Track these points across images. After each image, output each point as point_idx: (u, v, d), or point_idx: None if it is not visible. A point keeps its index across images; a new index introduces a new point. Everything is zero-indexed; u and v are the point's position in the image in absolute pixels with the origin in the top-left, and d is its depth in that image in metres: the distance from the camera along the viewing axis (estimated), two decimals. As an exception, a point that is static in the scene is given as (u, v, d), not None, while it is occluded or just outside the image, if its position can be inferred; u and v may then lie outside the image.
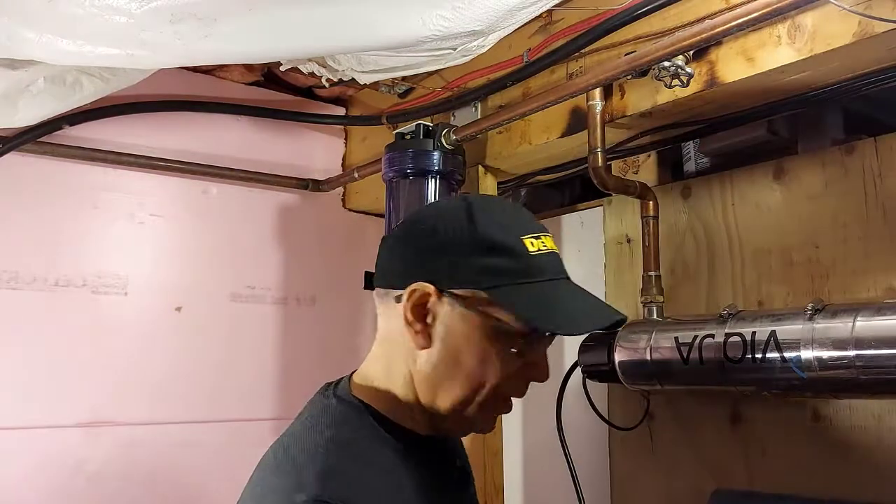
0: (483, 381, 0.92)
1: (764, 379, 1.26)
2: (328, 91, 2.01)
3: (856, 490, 1.32)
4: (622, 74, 1.27)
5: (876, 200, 1.33)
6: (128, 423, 1.74)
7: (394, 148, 1.53)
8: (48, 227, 1.71)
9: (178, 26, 1.14)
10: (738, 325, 1.30)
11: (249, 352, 1.95)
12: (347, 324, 1.61)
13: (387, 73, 1.64)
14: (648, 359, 1.42)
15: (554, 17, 1.47)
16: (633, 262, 1.71)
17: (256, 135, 2.01)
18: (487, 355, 0.92)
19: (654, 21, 1.29)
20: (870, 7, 1.02)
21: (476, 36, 1.39)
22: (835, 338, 1.16)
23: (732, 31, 1.11)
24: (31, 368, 1.65)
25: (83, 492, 1.67)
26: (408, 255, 0.96)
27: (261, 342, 1.97)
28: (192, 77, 1.89)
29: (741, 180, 1.54)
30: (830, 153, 1.40)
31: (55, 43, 1.15)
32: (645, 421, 1.63)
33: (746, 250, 1.51)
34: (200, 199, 1.91)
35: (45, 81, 1.43)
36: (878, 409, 1.30)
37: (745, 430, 1.48)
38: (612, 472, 1.72)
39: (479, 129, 1.51)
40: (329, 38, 1.30)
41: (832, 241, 1.37)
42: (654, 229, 1.53)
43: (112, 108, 1.73)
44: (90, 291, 1.73)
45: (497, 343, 0.92)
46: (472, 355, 0.92)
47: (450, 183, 1.51)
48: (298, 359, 1.99)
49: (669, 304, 1.55)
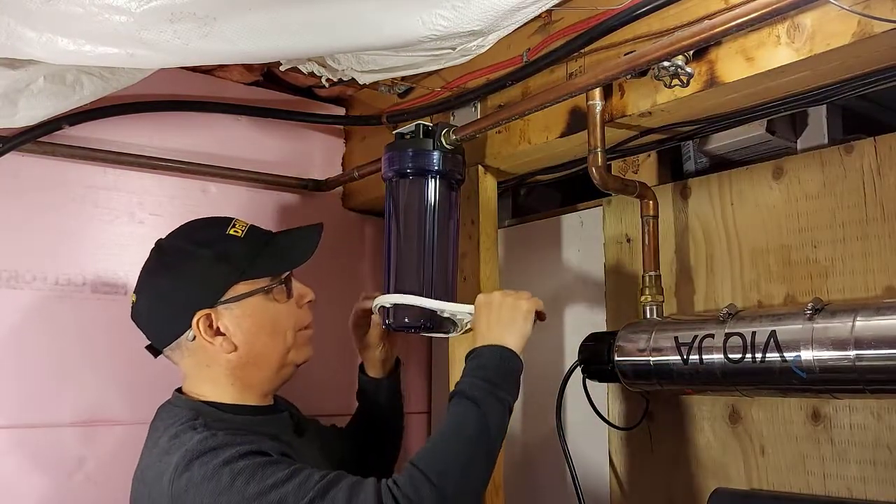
0: (285, 331, 1.28)
1: (764, 379, 1.26)
2: (328, 91, 2.01)
3: (856, 490, 1.32)
4: (622, 74, 1.27)
5: (875, 200, 1.33)
6: (128, 422, 1.73)
7: (393, 147, 1.53)
8: (48, 226, 1.71)
9: (177, 26, 1.14)
10: (738, 325, 1.30)
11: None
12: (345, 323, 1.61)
13: (386, 73, 1.64)
14: (648, 359, 1.42)
15: (553, 17, 1.47)
16: (632, 262, 1.71)
17: (256, 135, 2.01)
18: (273, 315, 1.27)
19: (654, 21, 1.29)
20: (869, 7, 1.02)
21: (475, 36, 1.39)
22: (834, 337, 1.16)
23: (732, 30, 1.11)
24: (31, 367, 1.65)
25: (82, 491, 1.67)
26: (167, 308, 1.26)
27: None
28: (192, 77, 1.89)
29: (740, 180, 1.54)
30: (829, 153, 1.41)
31: (55, 42, 1.15)
32: (645, 421, 1.64)
33: (746, 250, 1.51)
34: (200, 199, 1.91)
35: (44, 81, 1.43)
36: (877, 408, 1.30)
37: (744, 429, 1.48)
38: (611, 471, 1.72)
39: (478, 128, 1.51)
40: (329, 37, 1.30)
41: (831, 240, 1.38)
42: (654, 229, 1.53)
43: (112, 107, 1.73)
44: (90, 291, 1.73)
45: (270, 304, 1.26)
46: (267, 324, 1.26)
47: (449, 182, 1.51)
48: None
49: (669, 304, 1.55)
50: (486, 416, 1.20)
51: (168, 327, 1.27)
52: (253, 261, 1.26)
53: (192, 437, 1.15)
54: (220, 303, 1.24)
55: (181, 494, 1.09)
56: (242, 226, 1.32)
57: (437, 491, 1.10)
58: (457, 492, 1.13)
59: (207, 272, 1.26)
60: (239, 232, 1.30)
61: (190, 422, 1.20)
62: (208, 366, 1.28)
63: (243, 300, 1.25)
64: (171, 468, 1.12)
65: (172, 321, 1.26)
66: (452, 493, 1.12)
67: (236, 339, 1.25)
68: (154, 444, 1.22)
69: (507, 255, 1.99)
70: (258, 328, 1.27)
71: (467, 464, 1.16)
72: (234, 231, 1.29)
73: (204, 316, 1.24)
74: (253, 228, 1.33)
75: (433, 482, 1.11)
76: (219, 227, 1.31)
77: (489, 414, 1.20)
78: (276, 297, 1.28)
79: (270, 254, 1.29)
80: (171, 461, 1.13)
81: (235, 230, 1.30)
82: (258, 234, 1.33)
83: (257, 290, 1.25)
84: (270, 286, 1.28)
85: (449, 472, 1.14)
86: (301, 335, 1.33)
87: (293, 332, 1.31)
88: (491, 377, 1.24)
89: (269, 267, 1.27)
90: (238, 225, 1.31)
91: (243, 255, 1.27)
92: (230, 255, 1.27)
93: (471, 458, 1.17)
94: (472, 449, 1.18)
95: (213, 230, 1.31)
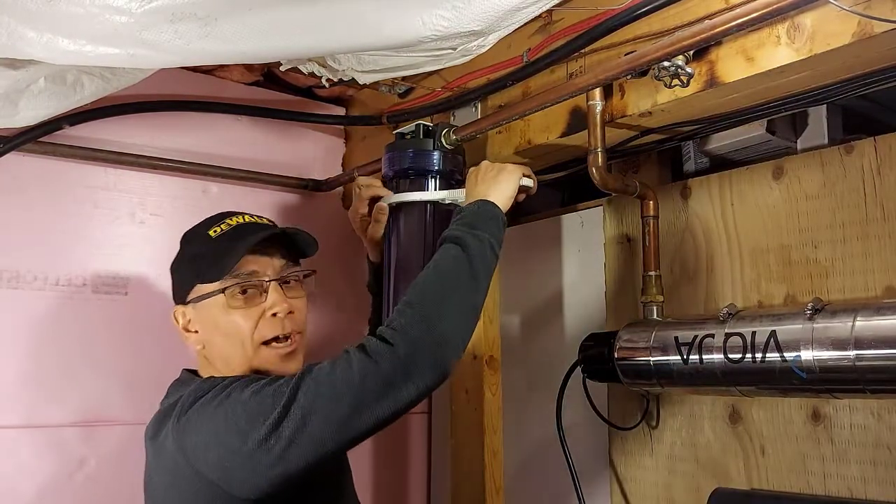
0: (241, 340, 1.24)
1: (764, 379, 1.27)
2: (328, 91, 2.01)
3: (856, 490, 1.32)
4: (622, 74, 1.28)
5: (875, 200, 1.33)
6: (128, 422, 1.74)
7: (394, 148, 1.53)
8: (49, 226, 1.71)
9: (178, 26, 1.14)
10: (738, 325, 1.30)
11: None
12: (345, 322, 1.61)
13: (387, 73, 1.64)
14: (648, 358, 1.42)
15: (554, 17, 1.48)
16: (633, 262, 1.71)
17: (256, 135, 2.01)
18: (226, 321, 1.24)
19: (654, 21, 1.30)
20: (869, 7, 1.02)
21: (476, 36, 1.39)
22: (834, 337, 1.16)
23: (732, 31, 1.11)
24: (31, 367, 1.65)
25: (82, 491, 1.67)
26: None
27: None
28: (192, 77, 1.89)
29: (740, 180, 1.54)
30: (830, 153, 1.41)
31: (55, 42, 1.15)
32: (644, 421, 1.64)
33: (746, 250, 1.51)
34: (201, 199, 1.91)
35: (45, 81, 1.43)
36: (877, 408, 1.30)
37: (744, 429, 1.48)
38: (611, 471, 1.72)
39: (478, 128, 1.51)
40: (329, 38, 1.30)
41: (831, 240, 1.38)
42: (654, 229, 1.53)
43: (112, 107, 1.73)
44: (90, 291, 1.74)
45: (225, 308, 1.23)
46: (220, 329, 1.25)
47: (450, 182, 1.51)
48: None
49: (669, 303, 1.55)
50: (466, 249, 1.22)
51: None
52: (211, 263, 1.25)
53: (195, 382, 1.22)
54: (188, 301, 1.28)
55: (184, 426, 1.13)
56: (230, 224, 1.29)
57: (419, 313, 1.12)
58: (441, 315, 1.14)
59: (181, 270, 1.32)
60: (218, 231, 1.28)
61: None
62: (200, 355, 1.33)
63: (201, 302, 1.26)
64: (178, 408, 1.16)
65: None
66: (436, 315, 1.13)
67: (201, 338, 1.28)
68: (159, 412, 1.25)
69: (508, 255, 1.98)
70: (212, 331, 1.26)
71: (451, 290, 1.18)
72: (215, 230, 1.28)
73: (179, 311, 1.30)
74: (238, 228, 1.29)
75: (415, 308, 1.13)
76: (208, 224, 1.31)
77: (468, 246, 1.22)
78: (233, 303, 1.24)
79: (223, 257, 1.25)
80: (177, 406, 1.17)
81: (217, 229, 1.28)
82: (232, 235, 1.27)
83: (211, 293, 1.24)
84: (219, 290, 1.24)
85: (433, 299, 1.15)
86: (265, 351, 1.25)
87: (251, 342, 1.24)
88: (469, 221, 1.27)
89: (216, 271, 1.24)
90: (227, 223, 1.29)
91: (205, 257, 1.27)
92: (196, 255, 1.29)
93: (454, 286, 1.19)
94: (455, 277, 1.20)
95: (202, 227, 1.32)
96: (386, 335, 1.11)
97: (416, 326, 1.11)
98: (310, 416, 1.06)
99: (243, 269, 1.24)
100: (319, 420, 1.06)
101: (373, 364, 1.08)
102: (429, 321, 1.12)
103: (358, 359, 1.09)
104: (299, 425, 1.05)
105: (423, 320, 1.12)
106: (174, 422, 1.14)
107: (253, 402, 1.09)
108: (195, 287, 1.26)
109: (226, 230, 1.28)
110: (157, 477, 1.19)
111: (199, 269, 1.26)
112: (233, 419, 1.09)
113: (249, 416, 1.08)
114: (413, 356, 1.09)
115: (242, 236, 1.26)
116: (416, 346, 1.10)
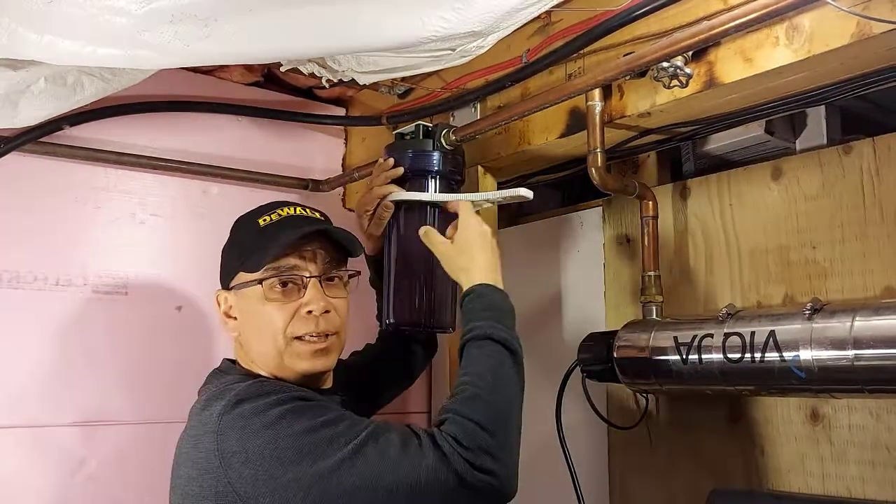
0: (273, 333, 1.21)
1: (763, 378, 1.27)
2: (328, 92, 2.01)
3: (855, 490, 1.32)
4: (621, 75, 1.28)
5: (874, 200, 1.33)
6: (128, 422, 1.74)
7: (393, 148, 1.53)
8: (49, 227, 1.71)
9: (178, 27, 1.14)
10: (737, 325, 1.30)
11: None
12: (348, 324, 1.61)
13: (386, 74, 1.64)
14: (648, 358, 1.43)
15: (553, 18, 1.48)
16: (632, 262, 1.71)
17: (256, 135, 2.01)
18: (260, 312, 1.22)
19: (653, 22, 1.30)
20: (868, 8, 1.02)
21: (475, 37, 1.39)
22: (833, 338, 1.16)
23: (731, 31, 1.11)
24: (31, 367, 1.65)
25: (82, 491, 1.67)
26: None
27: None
28: (192, 77, 1.89)
29: (739, 180, 1.54)
30: (828, 153, 1.41)
31: (56, 43, 1.15)
32: (644, 420, 1.64)
33: (745, 250, 1.52)
34: (201, 199, 1.91)
35: (45, 82, 1.43)
36: (876, 408, 1.30)
37: (743, 429, 1.48)
38: (611, 471, 1.72)
39: (478, 129, 1.51)
40: (329, 38, 1.30)
41: (830, 241, 1.38)
42: (654, 229, 1.53)
43: (113, 108, 1.74)
44: (91, 291, 1.74)
45: (261, 300, 1.21)
46: (254, 319, 1.23)
47: (449, 183, 1.51)
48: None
49: (669, 304, 1.55)
50: (516, 357, 1.19)
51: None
52: (254, 253, 1.22)
53: (241, 383, 1.16)
54: (231, 287, 1.27)
55: (227, 430, 1.08)
56: (279, 214, 1.26)
57: (491, 437, 1.07)
58: (508, 437, 1.10)
59: (228, 255, 1.30)
60: (266, 220, 1.25)
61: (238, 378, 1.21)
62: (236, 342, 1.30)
63: (241, 290, 1.24)
64: (221, 405, 1.11)
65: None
66: (504, 439, 1.09)
67: (239, 325, 1.26)
68: (200, 401, 1.21)
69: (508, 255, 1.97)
70: (248, 320, 1.25)
71: (512, 410, 1.14)
72: (265, 219, 1.25)
73: (222, 296, 1.28)
74: (286, 219, 1.26)
75: (486, 429, 1.08)
76: (260, 212, 1.28)
77: (518, 355, 1.20)
78: (270, 295, 1.22)
79: (265, 248, 1.22)
80: (220, 402, 1.12)
81: (267, 218, 1.25)
82: (278, 227, 1.24)
83: (250, 282, 1.23)
84: (258, 280, 1.22)
85: (498, 418, 1.10)
86: (297, 344, 1.22)
87: (283, 337, 1.21)
88: (498, 317, 1.22)
89: (257, 261, 1.22)
90: (277, 213, 1.26)
91: (249, 245, 1.24)
92: (242, 242, 1.27)
93: (514, 404, 1.15)
94: (514, 394, 1.16)
95: (253, 214, 1.29)
96: (473, 451, 1.05)
97: (502, 451, 1.07)
98: (357, 489, 1.02)
99: (284, 263, 1.22)
100: (365, 494, 1.03)
101: (452, 476, 1.04)
102: (510, 451, 1.09)
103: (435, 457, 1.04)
104: (345, 489, 1.02)
105: (505, 448, 1.08)
106: (217, 420, 1.10)
107: (305, 439, 1.05)
108: (238, 274, 1.25)
109: (274, 220, 1.25)
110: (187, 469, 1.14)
111: (243, 257, 1.24)
112: (278, 447, 1.05)
113: (297, 452, 1.04)
114: (495, 487, 1.06)
115: (288, 229, 1.23)
116: (501, 476, 1.07)
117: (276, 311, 1.21)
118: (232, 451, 1.07)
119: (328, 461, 1.03)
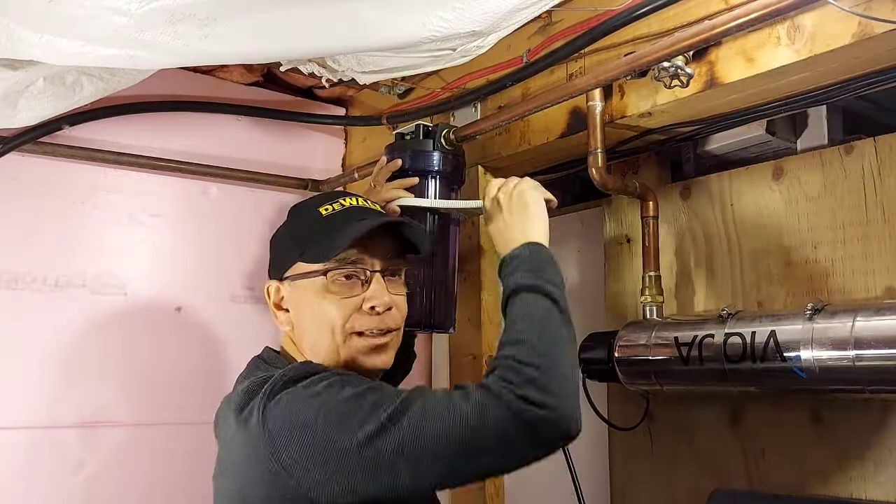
0: (331, 327, 1.15)
1: (763, 379, 1.27)
2: (328, 91, 2.01)
3: (856, 490, 1.32)
4: (622, 75, 1.28)
5: (875, 200, 1.33)
6: (127, 423, 1.74)
7: (393, 148, 1.53)
8: (48, 227, 1.71)
9: (177, 27, 1.14)
10: (738, 326, 1.30)
11: (249, 352, 1.93)
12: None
13: (386, 74, 1.64)
14: (648, 358, 1.42)
15: (553, 18, 1.48)
16: (632, 262, 1.71)
17: (256, 135, 2.01)
18: (318, 305, 1.16)
19: (654, 22, 1.30)
20: (869, 8, 1.02)
21: (475, 37, 1.39)
22: (834, 338, 1.16)
23: (732, 31, 1.11)
24: (31, 368, 1.65)
25: (82, 492, 1.67)
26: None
27: (260, 343, 1.95)
28: (192, 77, 1.89)
29: (740, 180, 1.54)
30: (829, 153, 1.41)
31: (55, 43, 1.15)
32: (644, 421, 1.64)
33: (746, 250, 1.51)
34: (200, 200, 1.91)
35: (44, 82, 1.43)
36: (877, 408, 1.30)
37: (744, 430, 1.48)
38: (611, 471, 1.72)
39: (478, 129, 1.51)
40: (329, 38, 1.30)
41: (831, 241, 1.38)
42: (654, 229, 1.53)
43: (112, 108, 1.73)
44: (90, 291, 1.73)
45: (320, 292, 1.15)
46: (310, 312, 1.17)
47: (449, 183, 1.51)
48: (298, 359, 1.99)
49: (669, 304, 1.55)
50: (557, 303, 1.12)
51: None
52: (318, 243, 1.16)
53: (287, 364, 1.14)
54: (285, 278, 1.20)
55: (274, 406, 1.04)
56: (343, 204, 1.20)
57: (538, 371, 1.01)
58: (560, 371, 1.04)
59: (283, 244, 1.23)
60: (329, 210, 1.19)
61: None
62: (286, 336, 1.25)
63: (298, 280, 1.18)
64: (270, 383, 1.07)
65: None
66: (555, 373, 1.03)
67: (291, 318, 1.20)
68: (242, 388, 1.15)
69: (507, 255, 1.99)
70: (303, 313, 1.18)
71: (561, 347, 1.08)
72: (327, 208, 1.19)
73: (273, 286, 1.22)
74: (351, 210, 1.20)
75: (532, 364, 1.02)
76: (320, 202, 1.22)
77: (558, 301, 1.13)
78: (331, 288, 1.15)
79: (331, 238, 1.16)
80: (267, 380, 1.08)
81: (330, 208, 1.19)
82: (344, 217, 1.19)
83: (309, 273, 1.16)
84: (321, 272, 1.15)
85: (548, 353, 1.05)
86: (356, 340, 1.17)
87: (341, 332, 1.15)
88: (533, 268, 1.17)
89: (322, 252, 1.15)
90: (340, 202, 1.20)
91: (312, 235, 1.18)
92: (302, 231, 1.21)
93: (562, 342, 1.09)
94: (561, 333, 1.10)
95: (313, 203, 1.23)
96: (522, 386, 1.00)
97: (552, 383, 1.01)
98: (405, 444, 0.98)
99: (350, 256, 1.15)
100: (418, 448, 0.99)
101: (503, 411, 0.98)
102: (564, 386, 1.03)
103: (482, 396, 1.00)
104: (396, 445, 0.98)
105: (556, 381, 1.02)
106: (263, 399, 1.05)
107: (352, 403, 1.01)
108: (296, 264, 1.18)
109: (338, 210, 1.19)
110: (237, 451, 1.10)
111: (304, 247, 1.17)
112: (325, 415, 1.01)
113: (343, 417, 1.00)
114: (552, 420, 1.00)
115: (355, 220, 1.17)
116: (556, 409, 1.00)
117: (335, 305, 1.15)
118: (278, 428, 1.03)
119: (376, 422, 0.99)
